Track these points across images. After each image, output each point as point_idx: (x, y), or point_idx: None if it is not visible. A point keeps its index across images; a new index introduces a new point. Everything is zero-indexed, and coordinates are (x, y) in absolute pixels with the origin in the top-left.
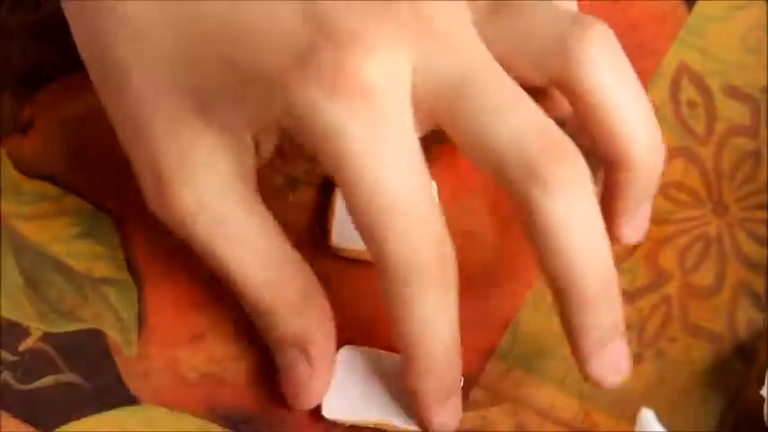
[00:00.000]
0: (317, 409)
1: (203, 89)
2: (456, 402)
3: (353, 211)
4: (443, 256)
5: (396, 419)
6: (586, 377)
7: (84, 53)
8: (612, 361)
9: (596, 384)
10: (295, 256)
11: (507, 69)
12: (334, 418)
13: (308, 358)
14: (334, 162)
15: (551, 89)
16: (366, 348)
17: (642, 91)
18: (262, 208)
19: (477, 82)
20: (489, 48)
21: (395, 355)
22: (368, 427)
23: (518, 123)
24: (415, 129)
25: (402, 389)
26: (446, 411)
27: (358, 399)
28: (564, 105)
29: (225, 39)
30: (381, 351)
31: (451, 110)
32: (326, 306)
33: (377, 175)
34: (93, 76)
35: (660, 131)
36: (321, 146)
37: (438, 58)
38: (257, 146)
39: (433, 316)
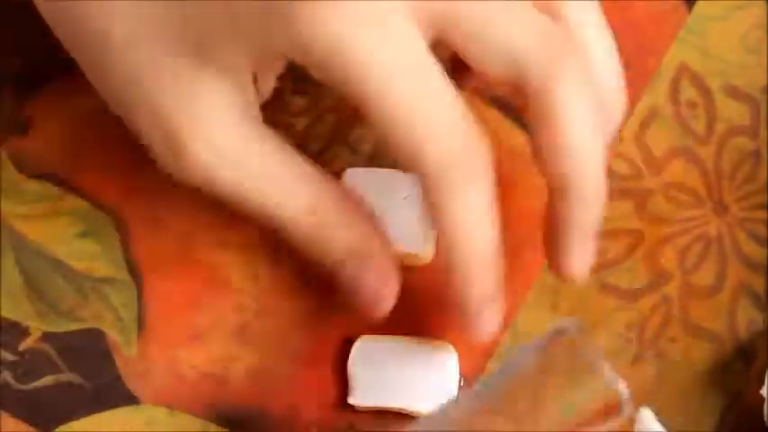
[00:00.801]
0: (342, 396)
1: (197, 32)
2: (497, 308)
3: (379, 121)
4: (476, 149)
5: (418, 404)
6: (562, 270)
7: (64, 36)
8: (588, 257)
9: (568, 278)
10: (323, 173)
11: None
12: (360, 405)
13: (372, 264)
14: (347, 80)
15: None
16: (381, 336)
17: (596, 119)
18: (276, 137)
19: None
20: None
21: (411, 339)
22: (391, 412)
23: (527, 18)
24: (423, 41)
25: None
26: (485, 317)
27: (381, 386)
28: None
29: None
30: (396, 337)
31: (456, 14)
32: (371, 212)
33: (394, 79)
34: (77, 57)
35: (603, 171)
36: (330, 62)
37: None
38: (256, 83)
39: (470, 208)
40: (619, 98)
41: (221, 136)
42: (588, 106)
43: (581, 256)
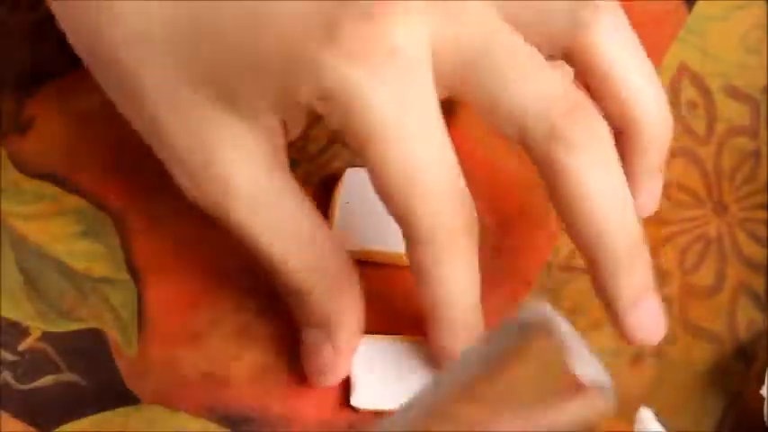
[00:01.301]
0: (343, 398)
1: (222, 78)
2: None
3: (378, 176)
4: (466, 219)
5: None
6: (625, 337)
7: (84, 56)
8: (648, 318)
9: (634, 343)
10: (332, 238)
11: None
12: (362, 407)
13: (334, 342)
14: (360, 130)
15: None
16: (384, 337)
17: (650, 64)
18: (296, 189)
19: (496, 50)
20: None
21: (412, 339)
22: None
23: (539, 86)
24: (436, 96)
25: (429, 370)
26: None
27: (383, 387)
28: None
29: (242, 23)
30: (397, 337)
31: (471, 77)
32: (358, 292)
33: (404, 141)
34: (99, 80)
35: (667, 101)
36: (349, 115)
37: (456, 28)
38: (285, 127)
39: (456, 276)
40: (663, 124)
41: (240, 178)
42: (604, 173)
43: (637, 319)
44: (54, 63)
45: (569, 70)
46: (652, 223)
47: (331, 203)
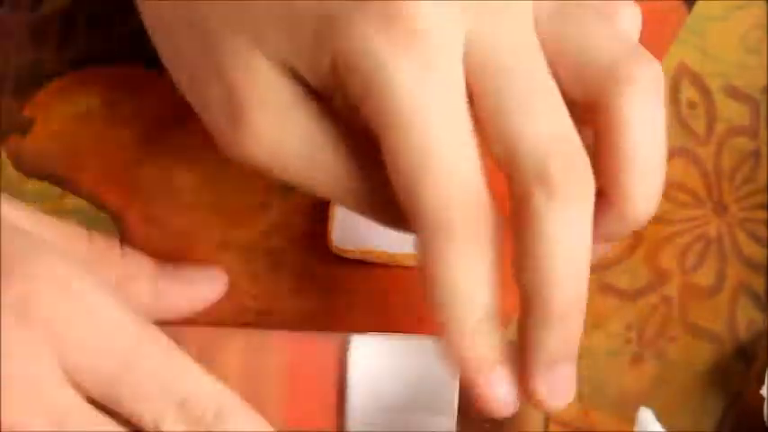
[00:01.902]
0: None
1: (260, 22)
2: (507, 372)
3: (389, 155)
4: (479, 213)
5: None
6: (527, 395)
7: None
8: (557, 384)
9: (536, 405)
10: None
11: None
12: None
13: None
14: (378, 104)
15: None
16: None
17: (664, 146)
18: (333, 127)
19: (517, 71)
20: (542, 46)
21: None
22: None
23: (541, 125)
24: (464, 86)
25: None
26: (495, 384)
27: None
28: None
29: None
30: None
31: (482, 85)
32: None
33: (419, 124)
34: (155, 35)
35: (660, 192)
36: (368, 86)
37: (490, 33)
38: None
39: (463, 273)
40: (640, 219)
41: (285, 124)
42: (574, 233)
43: (545, 380)
44: (54, 63)
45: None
46: (652, 223)
47: (331, 203)
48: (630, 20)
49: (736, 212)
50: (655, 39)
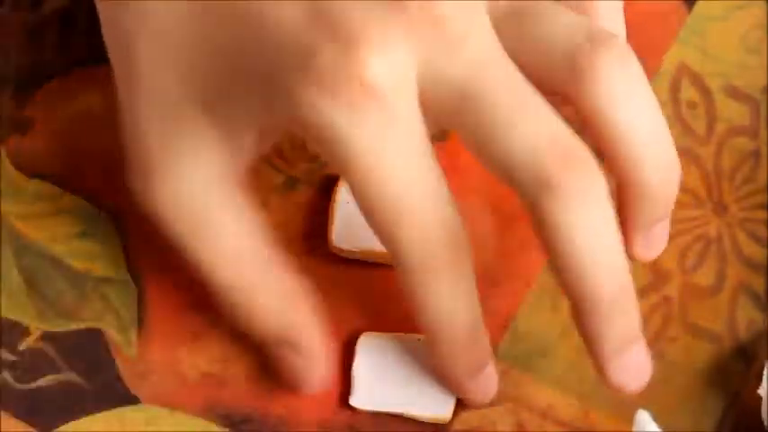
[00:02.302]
0: (343, 398)
1: (212, 85)
2: (489, 372)
3: (364, 210)
4: (456, 244)
5: (421, 408)
6: (608, 384)
7: (109, 45)
8: (632, 367)
9: (618, 390)
10: (276, 256)
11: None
12: (362, 408)
13: (298, 353)
14: (341, 165)
15: None
16: (384, 336)
17: (656, 110)
18: (246, 208)
19: (487, 88)
20: (506, 50)
21: (414, 336)
22: (393, 415)
23: (528, 133)
24: (424, 128)
25: (431, 370)
26: (480, 384)
27: (383, 387)
28: None
29: (236, 38)
30: (399, 337)
31: (460, 115)
32: (308, 304)
33: (384, 178)
34: (114, 68)
35: (674, 151)
36: (327, 149)
37: (448, 60)
38: (256, 145)
39: (450, 303)
40: (669, 183)
41: (191, 185)
42: (593, 228)
43: (619, 367)
44: (54, 63)
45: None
46: None
47: (331, 203)
48: (609, 13)
49: (736, 212)
50: (655, 39)
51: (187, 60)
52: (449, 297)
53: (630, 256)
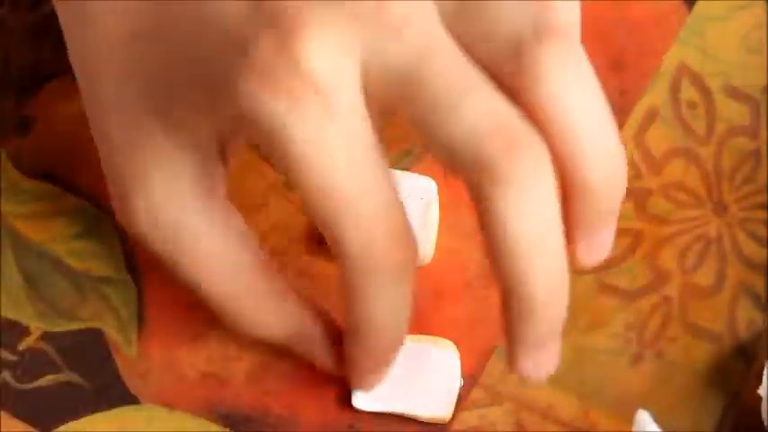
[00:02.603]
0: (342, 396)
1: (161, 91)
2: (385, 371)
3: (304, 203)
4: (398, 243)
5: (421, 408)
6: (512, 369)
7: (72, 61)
8: (543, 362)
9: (522, 376)
10: (259, 259)
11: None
12: (363, 408)
13: (312, 342)
14: (281, 158)
15: None
16: None
17: (603, 106)
18: (224, 215)
19: (431, 72)
20: (457, 42)
21: (414, 336)
22: (393, 415)
23: (470, 115)
24: (367, 117)
25: (431, 370)
26: (375, 377)
27: (384, 387)
28: None
29: (180, 34)
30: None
31: (405, 101)
32: (299, 305)
33: (324, 171)
34: (80, 88)
35: (622, 153)
36: (267, 141)
37: (391, 46)
38: (219, 152)
39: (383, 307)
40: (613, 184)
41: (164, 200)
42: (539, 213)
43: (531, 360)
44: (54, 63)
45: None
46: (652, 223)
47: None
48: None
49: (736, 212)
50: (655, 39)
51: (134, 66)
52: (384, 299)
53: (573, 260)
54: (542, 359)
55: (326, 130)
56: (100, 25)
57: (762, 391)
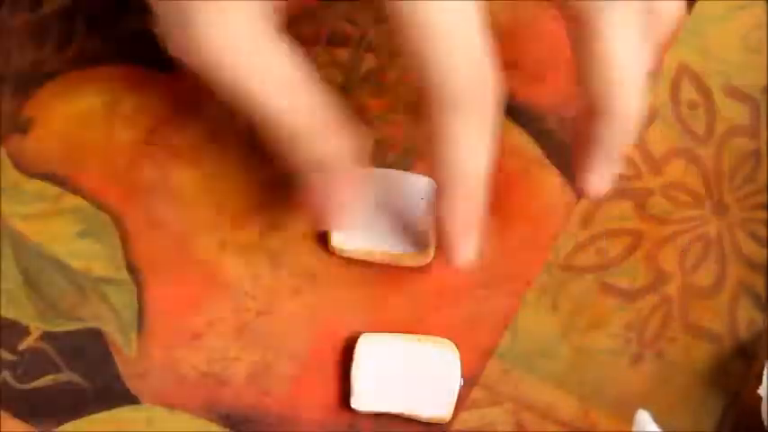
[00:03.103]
0: (342, 396)
1: None
2: (475, 239)
3: (398, 33)
4: (483, 83)
5: (421, 408)
6: (579, 184)
7: None
8: (608, 176)
9: (584, 195)
10: (320, 87)
11: None
12: (362, 409)
13: (332, 180)
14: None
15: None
16: (383, 335)
17: (643, 42)
18: (286, 43)
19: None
20: None
21: (414, 336)
22: (393, 415)
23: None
24: None
25: (431, 370)
26: (467, 243)
27: (383, 387)
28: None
29: None
30: (398, 335)
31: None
32: (348, 135)
33: (422, 6)
34: None
35: (644, 89)
36: None
37: None
38: None
39: (465, 139)
40: (633, 112)
41: (236, 24)
42: (634, 32)
43: (602, 175)
44: (54, 63)
45: None
46: (652, 223)
47: None
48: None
49: (736, 212)
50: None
51: None
52: (468, 140)
53: (580, 190)
54: (607, 173)
55: None
56: None
57: (762, 391)
